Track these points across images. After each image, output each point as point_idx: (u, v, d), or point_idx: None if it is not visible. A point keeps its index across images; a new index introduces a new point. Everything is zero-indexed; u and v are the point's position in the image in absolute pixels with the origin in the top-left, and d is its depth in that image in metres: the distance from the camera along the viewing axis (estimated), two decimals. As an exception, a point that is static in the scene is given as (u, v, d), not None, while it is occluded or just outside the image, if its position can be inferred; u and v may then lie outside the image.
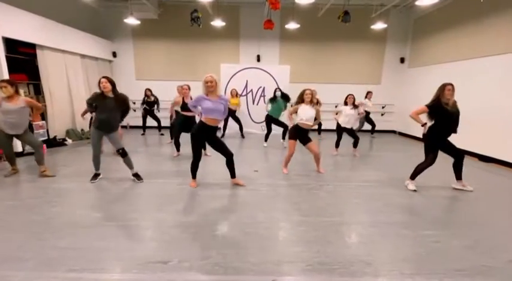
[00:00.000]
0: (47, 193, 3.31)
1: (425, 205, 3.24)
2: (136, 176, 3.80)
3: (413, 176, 3.68)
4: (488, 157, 5.31)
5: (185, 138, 4.29)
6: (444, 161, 3.79)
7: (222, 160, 3.65)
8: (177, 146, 5.19)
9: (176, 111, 5.17)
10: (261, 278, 1.88)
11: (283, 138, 6.16)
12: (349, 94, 5.36)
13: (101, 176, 3.86)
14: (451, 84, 3.32)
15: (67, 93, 6.53)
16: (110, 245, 2.22)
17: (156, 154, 5.52)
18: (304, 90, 4.06)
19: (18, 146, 4.98)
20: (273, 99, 6.09)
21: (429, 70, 7.28)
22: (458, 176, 3.62)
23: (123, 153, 3.69)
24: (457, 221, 2.82)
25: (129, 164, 3.78)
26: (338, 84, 8.56)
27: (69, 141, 6.29)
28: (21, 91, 3.75)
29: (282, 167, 4.39)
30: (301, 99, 4.08)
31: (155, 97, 7.27)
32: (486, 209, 3.12)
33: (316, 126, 5.32)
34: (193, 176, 3.61)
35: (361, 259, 2.10)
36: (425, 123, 3.53)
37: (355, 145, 5.49)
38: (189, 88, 4.92)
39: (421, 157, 3.66)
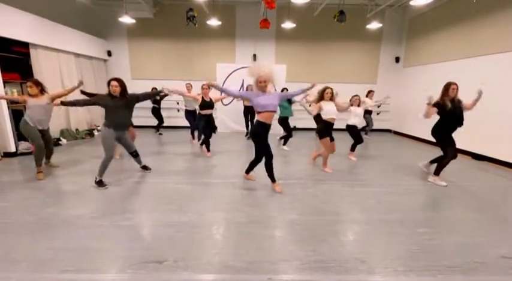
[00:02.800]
0: (41, 193, 3.28)
1: (418, 202, 3.28)
2: (145, 167, 4.19)
3: (437, 172, 3.83)
4: (481, 155, 5.38)
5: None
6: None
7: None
8: (208, 146, 5.25)
9: (199, 113, 5.28)
10: (257, 277, 1.88)
11: (285, 144, 6.06)
12: (355, 95, 5.22)
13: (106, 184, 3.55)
14: (455, 84, 3.56)
15: (61, 92, 6.46)
16: (104, 246, 2.21)
17: (157, 153, 5.49)
18: (325, 89, 4.22)
19: (12, 146, 4.92)
20: None
21: (424, 70, 7.34)
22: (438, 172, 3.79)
23: (135, 154, 4.04)
24: (449, 218, 2.85)
25: (139, 162, 4.17)
26: (334, 83, 8.51)
27: (63, 141, 6.23)
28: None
29: (323, 169, 4.39)
30: (321, 97, 4.22)
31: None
32: (478, 206, 3.16)
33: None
34: (272, 180, 3.47)
35: (356, 257, 2.12)
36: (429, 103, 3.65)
37: (353, 148, 5.36)
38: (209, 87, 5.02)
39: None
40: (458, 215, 2.94)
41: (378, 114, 8.78)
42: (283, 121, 5.97)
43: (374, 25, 6.95)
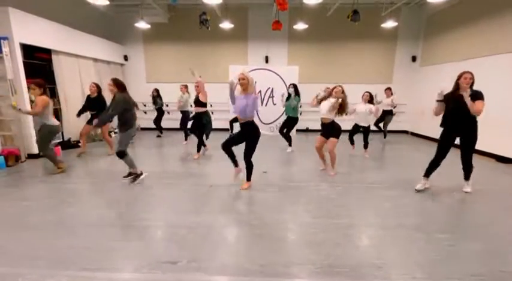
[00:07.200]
0: (62, 193, 3.42)
1: (437, 207, 3.15)
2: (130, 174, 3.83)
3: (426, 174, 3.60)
4: (507, 158, 5.11)
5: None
6: (455, 162, 3.68)
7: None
8: (199, 147, 5.25)
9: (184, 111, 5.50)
10: (270, 279, 1.87)
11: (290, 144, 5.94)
12: (366, 92, 5.39)
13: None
14: (469, 73, 3.16)
15: (81, 96, 6.69)
16: (121, 245, 2.27)
17: (167, 155, 5.59)
18: (335, 87, 4.04)
19: (35, 147, 5.13)
20: (288, 98, 5.81)
21: (442, 68, 7.07)
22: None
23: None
24: (472, 224, 2.72)
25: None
26: (348, 84, 8.40)
27: (83, 143, 6.44)
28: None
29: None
30: (329, 94, 4.05)
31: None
32: (502, 211, 3.00)
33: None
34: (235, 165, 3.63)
35: (372, 262, 2.06)
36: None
37: (365, 146, 5.42)
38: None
39: (432, 157, 3.56)
40: (480, 220, 2.80)
41: (393, 114, 8.54)
42: (291, 122, 5.85)
43: (389, 24, 6.78)
